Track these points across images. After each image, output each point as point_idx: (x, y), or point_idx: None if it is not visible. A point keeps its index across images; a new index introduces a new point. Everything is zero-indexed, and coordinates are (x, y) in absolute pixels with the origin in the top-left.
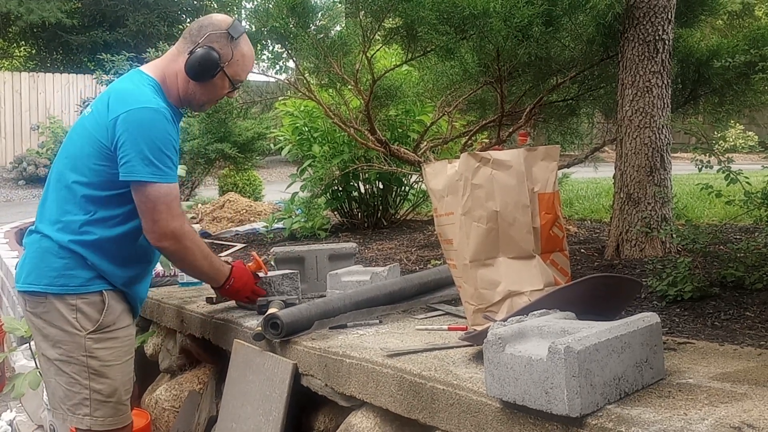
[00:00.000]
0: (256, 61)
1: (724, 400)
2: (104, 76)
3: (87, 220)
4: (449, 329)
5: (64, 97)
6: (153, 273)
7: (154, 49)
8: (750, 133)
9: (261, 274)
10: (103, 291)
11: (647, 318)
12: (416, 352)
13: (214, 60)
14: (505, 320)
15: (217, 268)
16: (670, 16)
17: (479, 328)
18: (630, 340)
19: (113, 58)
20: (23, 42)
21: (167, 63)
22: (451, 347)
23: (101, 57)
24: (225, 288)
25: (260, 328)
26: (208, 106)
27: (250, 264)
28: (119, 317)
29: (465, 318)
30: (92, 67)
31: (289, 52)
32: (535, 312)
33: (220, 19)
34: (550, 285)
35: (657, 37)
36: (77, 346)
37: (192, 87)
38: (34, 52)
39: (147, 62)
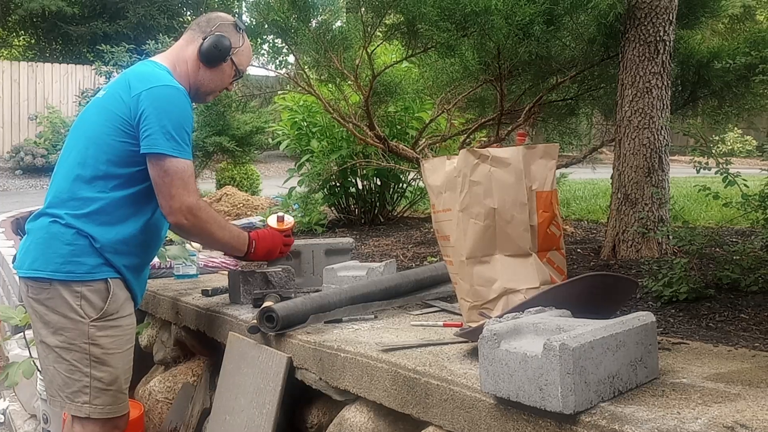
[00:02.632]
0: (255, 55)
1: (718, 400)
2: (103, 67)
3: (101, 197)
4: (444, 325)
5: (62, 88)
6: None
7: (153, 42)
8: (748, 137)
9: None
10: (108, 279)
11: (642, 317)
12: (411, 347)
13: (226, 46)
14: (500, 317)
15: (237, 235)
16: (671, 18)
17: (474, 325)
18: (625, 338)
19: (113, 50)
20: (22, 31)
21: (177, 53)
22: (446, 343)
23: (101, 48)
24: (251, 253)
25: (255, 321)
26: (212, 97)
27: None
28: (122, 305)
29: (460, 315)
30: (91, 58)
31: (290, 46)
32: (530, 309)
33: (225, 14)
34: (546, 283)
35: (658, 38)
36: (80, 334)
37: (202, 73)
38: (33, 41)
39: (146, 54)
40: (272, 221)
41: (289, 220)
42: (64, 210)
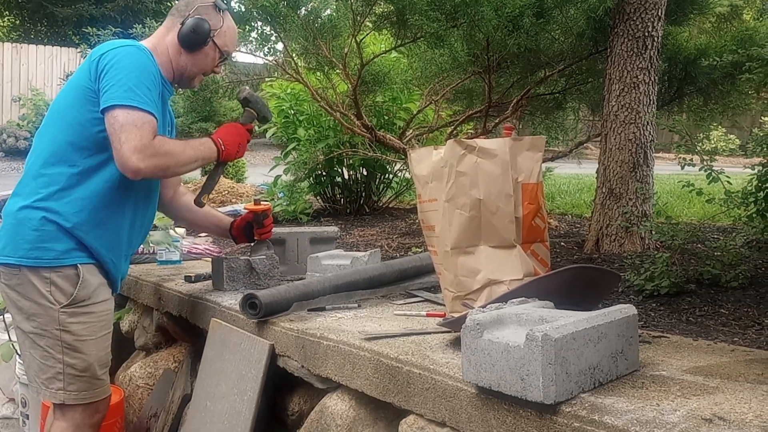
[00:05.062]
0: (243, 42)
1: (697, 393)
2: (89, 50)
3: (72, 172)
4: (427, 315)
5: (47, 70)
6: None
7: (140, 26)
8: (731, 136)
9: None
10: (78, 265)
11: (624, 310)
12: (394, 336)
13: (205, 29)
14: (484, 307)
15: (201, 144)
16: (660, 13)
17: (457, 315)
18: (606, 330)
19: (99, 33)
20: (7, 12)
21: (158, 39)
22: (429, 333)
23: (87, 31)
24: (224, 152)
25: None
26: (197, 81)
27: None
28: (95, 292)
29: (444, 305)
30: (77, 41)
31: (278, 33)
32: (514, 300)
33: None
34: (529, 275)
35: (646, 34)
36: (51, 320)
37: (184, 59)
38: (17, 22)
39: (133, 38)
40: (249, 206)
41: (266, 204)
42: (33, 191)
